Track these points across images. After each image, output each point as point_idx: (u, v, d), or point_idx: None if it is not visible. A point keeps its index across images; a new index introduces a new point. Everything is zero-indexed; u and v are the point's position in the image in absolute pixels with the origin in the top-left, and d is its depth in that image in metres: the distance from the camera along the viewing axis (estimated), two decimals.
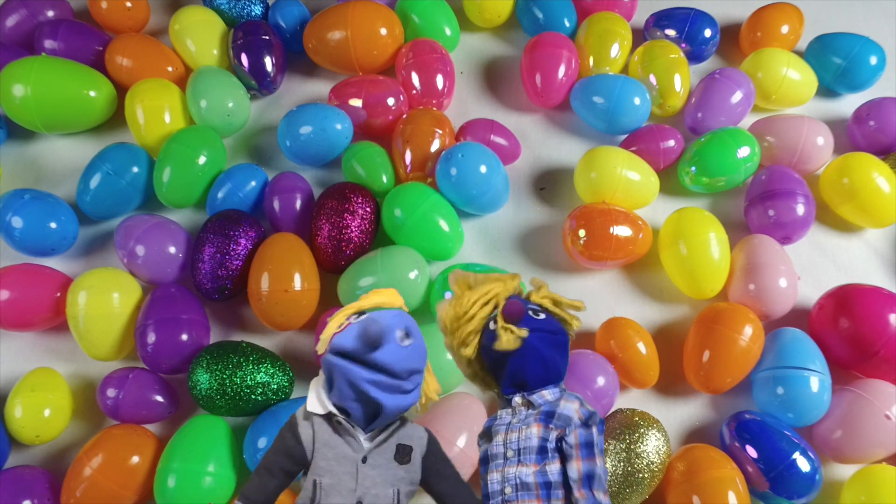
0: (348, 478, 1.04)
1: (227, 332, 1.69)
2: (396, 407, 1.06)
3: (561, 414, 1.07)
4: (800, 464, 1.40)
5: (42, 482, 1.42)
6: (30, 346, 1.66)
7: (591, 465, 1.03)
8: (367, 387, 1.02)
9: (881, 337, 1.49)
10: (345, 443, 1.05)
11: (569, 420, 1.06)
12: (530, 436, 1.07)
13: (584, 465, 1.03)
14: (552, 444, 1.06)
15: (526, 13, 2.09)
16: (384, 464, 1.07)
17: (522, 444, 1.07)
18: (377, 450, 1.07)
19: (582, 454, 1.04)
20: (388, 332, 1.02)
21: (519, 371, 1.12)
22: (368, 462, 1.05)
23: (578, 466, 1.03)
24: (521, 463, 1.06)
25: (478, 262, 1.73)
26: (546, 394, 1.12)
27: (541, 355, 1.12)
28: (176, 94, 1.88)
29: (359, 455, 1.05)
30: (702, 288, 1.64)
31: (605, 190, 1.73)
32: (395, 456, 1.08)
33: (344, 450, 1.05)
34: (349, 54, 1.94)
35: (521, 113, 2.03)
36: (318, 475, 1.04)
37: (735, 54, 2.13)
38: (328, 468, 1.04)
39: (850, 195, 1.74)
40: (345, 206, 1.67)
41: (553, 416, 1.07)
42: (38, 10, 2.02)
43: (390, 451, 1.08)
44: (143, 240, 1.64)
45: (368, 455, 1.06)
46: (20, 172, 1.89)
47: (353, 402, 1.05)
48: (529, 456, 1.05)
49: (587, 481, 1.02)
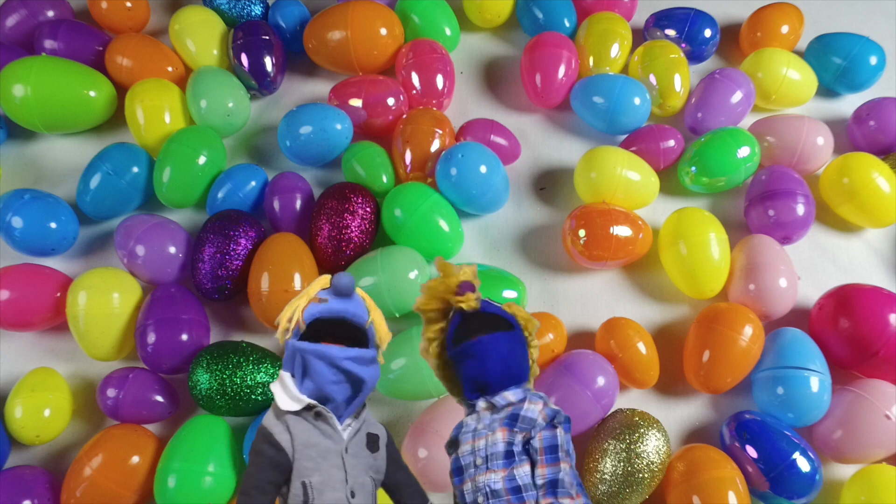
0: (337, 471, 1.03)
1: (227, 332, 1.69)
2: (372, 378, 1.09)
3: (525, 416, 1.05)
4: (800, 464, 1.40)
5: (42, 482, 1.42)
6: (30, 346, 1.66)
7: (556, 469, 1.02)
8: (348, 364, 1.04)
9: (881, 337, 1.49)
10: (325, 437, 1.04)
11: (533, 422, 1.05)
12: (496, 441, 1.05)
13: (549, 470, 1.02)
14: (518, 447, 1.04)
15: (526, 13, 2.09)
16: (360, 452, 1.08)
17: (490, 451, 1.05)
18: (354, 439, 1.08)
19: (546, 459, 1.03)
20: (351, 283, 1.09)
21: (479, 371, 1.10)
22: (350, 451, 1.06)
23: (543, 472, 1.02)
24: (490, 470, 1.04)
25: (478, 263, 1.73)
26: (509, 395, 1.09)
27: (499, 352, 1.10)
28: (176, 94, 1.88)
29: (341, 446, 1.05)
30: (702, 288, 1.64)
31: (605, 190, 1.73)
32: (366, 445, 1.10)
33: (326, 444, 1.04)
34: (349, 54, 1.94)
35: (521, 113, 2.03)
36: (305, 476, 1.02)
37: (735, 54, 2.13)
38: (315, 467, 1.02)
39: (850, 195, 1.74)
40: (345, 206, 1.67)
41: (517, 418, 1.06)
42: (38, 10, 2.03)
43: (363, 440, 1.10)
44: (143, 240, 1.64)
45: (349, 444, 1.06)
46: (20, 172, 1.89)
47: (334, 384, 1.05)
48: (497, 462, 1.04)
49: (551, 488, 1.01)
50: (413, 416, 1.56)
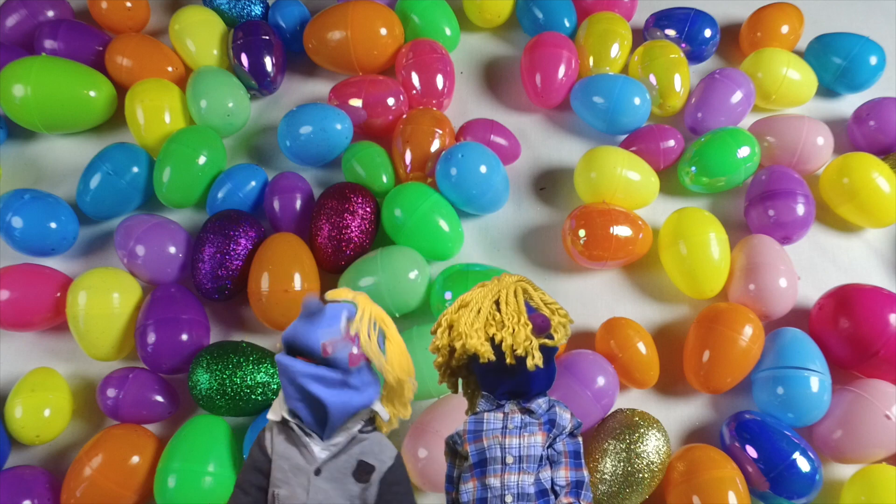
0: (300, 490, 1.01)
1: (227, 332, 1.69)
2: (342, 405, 1.00)
3: (559, 423, 1.10)
4: (800, 464, 1.40)
5: (42, 482, 1.42)
6: (30, 346, 1.66)
7: (580, 473, 1.08)
8: (306, 381, 0.97)
9: (881, 337, 1.49)
10: (299, 453, 1.02)
11: (563, 428, 1.10)
12: (534, 444, 1.07)
13: (573, 473, 1.08)
14: (546, 451, 1.08)
15: (526, 13, 2.09)
16: (340, 478, 1.02)
17: (524, 452, 1.06)
18: (333, 462, 1.02)
19: (571, 463, 1.09)
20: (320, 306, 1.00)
21: (524, 384, 1.10)
22: (322, 475, 1.01)
23: (567, 474, 1.08)
24: (523, 471, 1.05)
25: (478, 262, 1.73)
26: (542, 402, 1.12)
27: (548, 371, 1.12)
28: (176, 94, 1.88)
29: (311, 466, 1.01)
30: (702, 288, 1.64)
31: (605, 190, 1.73)
32: (353, 472, 1.02)
33: (298, 461, 1.02)
34: (349, 54, 1.94)
35: (521, 113, 2.03)
36: (275, 486, 1.02)
37: (735, 54, 2.13)
38: (284, 479, 1.01)
39: (850, 195, 1.74)
40: (345, 206, 1.67)
41: (553, 424, 1.09)
42: (38, 10, 2.03)
43: (350, 466, 1.03)
44: (143, 240, 1.64)
45: (322, 467, 1.02)
46: (20, 172, 1.89)
47: (297, 402, 1.01)
48: (531, 464, 1.06)
49: (576, 488, 1.06)
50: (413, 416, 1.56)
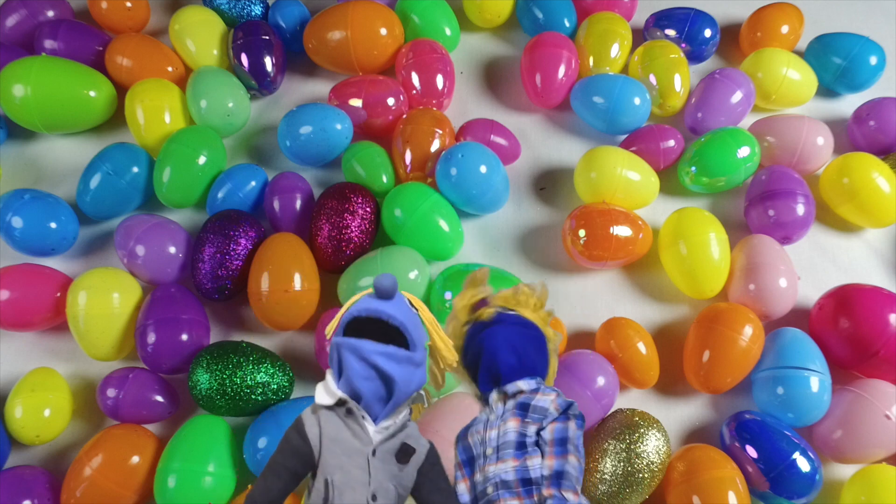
0: (360, 472, 1.02)
1: (227, 332, 1.69)
2: (407, 381, 1.04)
3: (536, 406, 1.04)
4: (800, 464, 1.40)
5: (42, 482, 1.42)
6: (30, 346, 1.66)
7: (563, 462, 1.00)
8: (378, 358, 1.00)
9: (881, 337, 1.49)
10: (353, 436, 1.03)
11: (545, 411, 1.03)
12: (507, 430, 1.04)
13: (556, 462, 1.00)
14: (531, 437, 1.02)
15: (526, 13, 2.09)
16: (388, 458, 1.05)
17: (500, 441, 1.04)
18: (385, 444, 1.05)
19: (555, 451, 1.01)
20: (395, 286, 1.04)
21: (491, 361, 1.10)
22: (377, 455, 1.04)
23: (550, 463, 1.00)
24: (501, 460, 1.03)
25: (478, 262, 1.73)
26: (521, 384, 1.08)
27: (511, 343, 1.11)
28: (176, 94, 1.88)
29: (368, 448, 1.03)
30: (702, 288, 1.64)
31: (605, 190, 1.73)
32: (396, 453, 1.06)
33: (353, 444, 1.03)
34: (349, 54, 1.94)
35: (521, 113, 2.03)
36: (329, 473, 1.01)
37: (735, 54, 2.13)
38: (339, 464, 1.02)
39: (850, 195, 1.74)
40: (345, 206, 1.67)
41: (528, 408, 1.04)
42: (38, 10, 2.02)
43: (394, 448, 1.06)
44: (143, 240, 1.64)
45: (377, 448, 1.04)
46: (20, 172, 1.89)
47: (364, 380, 1.02)
48: (507, 451, 1.02)
49: (556, 479, 0.98)
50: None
